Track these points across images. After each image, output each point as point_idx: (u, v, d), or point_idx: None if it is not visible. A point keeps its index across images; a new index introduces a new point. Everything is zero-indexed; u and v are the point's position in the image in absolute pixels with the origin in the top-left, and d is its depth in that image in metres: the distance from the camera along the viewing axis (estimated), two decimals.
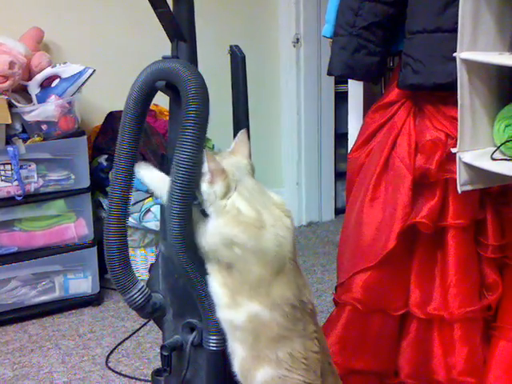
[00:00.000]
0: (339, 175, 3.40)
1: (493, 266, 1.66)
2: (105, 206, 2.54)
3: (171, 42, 1.33)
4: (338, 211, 3.44)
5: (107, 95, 2.67)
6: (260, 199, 1.23)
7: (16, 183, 2.32)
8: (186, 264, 1.25)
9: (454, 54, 1.42)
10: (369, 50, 1.68)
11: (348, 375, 1.67)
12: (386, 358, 1.71)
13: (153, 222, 2.56)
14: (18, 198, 2.34)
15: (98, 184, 2.61)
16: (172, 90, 1.28)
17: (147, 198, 2.59)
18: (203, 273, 1.26)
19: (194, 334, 1.35)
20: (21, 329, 2.38)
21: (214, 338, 1.31)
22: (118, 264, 1.33)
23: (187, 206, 1.22)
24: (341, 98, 3.25)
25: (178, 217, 1.21)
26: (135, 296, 1.34)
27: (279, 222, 1.22)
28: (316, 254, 3.01)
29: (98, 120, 2.75)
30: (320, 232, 3.29)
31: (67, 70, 2.39)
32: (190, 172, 1.20)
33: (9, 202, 2.34)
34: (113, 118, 2.66)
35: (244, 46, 1.44)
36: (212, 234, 1.21)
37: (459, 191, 1.50)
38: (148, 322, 2.35)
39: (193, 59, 1.33)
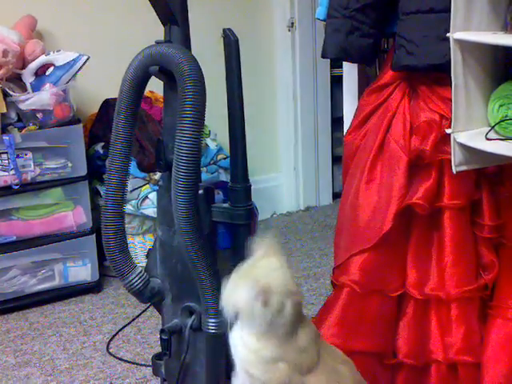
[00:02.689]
0: (336, 159, 3.40)
1: (489, 245, 1.66)
2: (102, 194, 2.54)
3: (164, 26, 1.33)
4: (336, 195, 3.43)
5: (102, 82, 2.65)
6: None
7: (13, 172, 2.32)
8: (194, 251, 1.26)
9: (448, 35, 1.41)
10: (362, 31, 1.67)
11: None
12: (384, 339, 1.72)
13: (151, 209, 2.57)
14: (15, 187, 2.34)
15: (96, 172, 2.61)
16: (166, 74, 1.28)
17: (145, 184, 2.59)
18: (208, 258, 1.27)
19: (193, 317, 1.36)
20: (22, 317, 2.40)
21: (213, 321, 1.33)
22: (116, 250, 1.34)
23: (193, 193, 1.23)
24: (337, 82, 3.23)
25: (185, 203, 1.22)
26: (134, 281, 1.35)
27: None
28: (314, 239, 3.02)
29: (93, 108, 2.74)
30: (318, 216, 3.30)
31: (61, 57, 2.38)
32: (192, 157, 1.21)
33: (6, 191, 2.34)
34: (108, 105, 2.64)
35: (238, 31, 1.43)
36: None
37: (454, 172, 1.51)
38: (148, 307, 2.36)
39: (186, 43, 1.33)
